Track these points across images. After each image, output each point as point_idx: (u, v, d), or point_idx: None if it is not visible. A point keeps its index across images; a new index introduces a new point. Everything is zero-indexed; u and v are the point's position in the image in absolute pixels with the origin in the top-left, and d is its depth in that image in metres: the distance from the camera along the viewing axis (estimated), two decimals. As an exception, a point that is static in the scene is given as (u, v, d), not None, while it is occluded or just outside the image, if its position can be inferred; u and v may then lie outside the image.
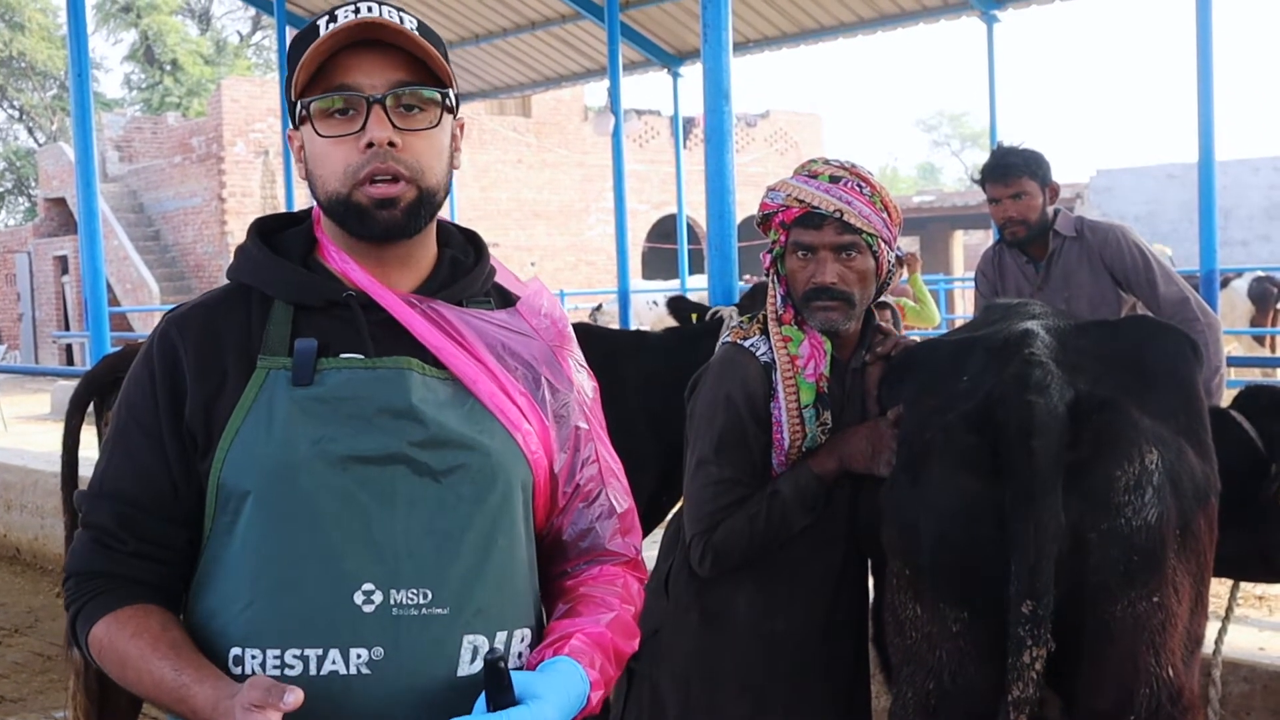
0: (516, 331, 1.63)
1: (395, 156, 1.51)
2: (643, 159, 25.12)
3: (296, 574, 1.45)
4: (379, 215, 1.52)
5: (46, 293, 23.52)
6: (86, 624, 1.50)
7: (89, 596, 1.51)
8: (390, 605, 1.46)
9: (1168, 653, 2.03)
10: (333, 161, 1.53)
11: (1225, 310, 11.23)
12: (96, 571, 1.52)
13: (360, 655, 1.44)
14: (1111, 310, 4.17)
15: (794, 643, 2.43)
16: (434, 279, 1.63)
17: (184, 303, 1.62)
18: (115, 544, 1.52)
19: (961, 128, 55.67)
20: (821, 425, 2.37)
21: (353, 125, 1.52)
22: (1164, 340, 2.36)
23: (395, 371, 1.52)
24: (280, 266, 1.59)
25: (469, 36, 13.40)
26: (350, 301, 1.55)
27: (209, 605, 1.50)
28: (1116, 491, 2.00)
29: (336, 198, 1.54)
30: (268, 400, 1.49)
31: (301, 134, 1.58)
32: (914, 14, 11.53)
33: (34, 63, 35.93)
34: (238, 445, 1.48)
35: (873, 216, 2.33)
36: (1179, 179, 21.88)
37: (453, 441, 1.52)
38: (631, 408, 4.00)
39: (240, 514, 1.48)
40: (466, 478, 1.52)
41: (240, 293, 1.59)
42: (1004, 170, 4.19)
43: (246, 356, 1.52)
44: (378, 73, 1.52)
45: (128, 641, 1.45)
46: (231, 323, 1.56)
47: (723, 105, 4.44)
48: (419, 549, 1.48)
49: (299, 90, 1.54)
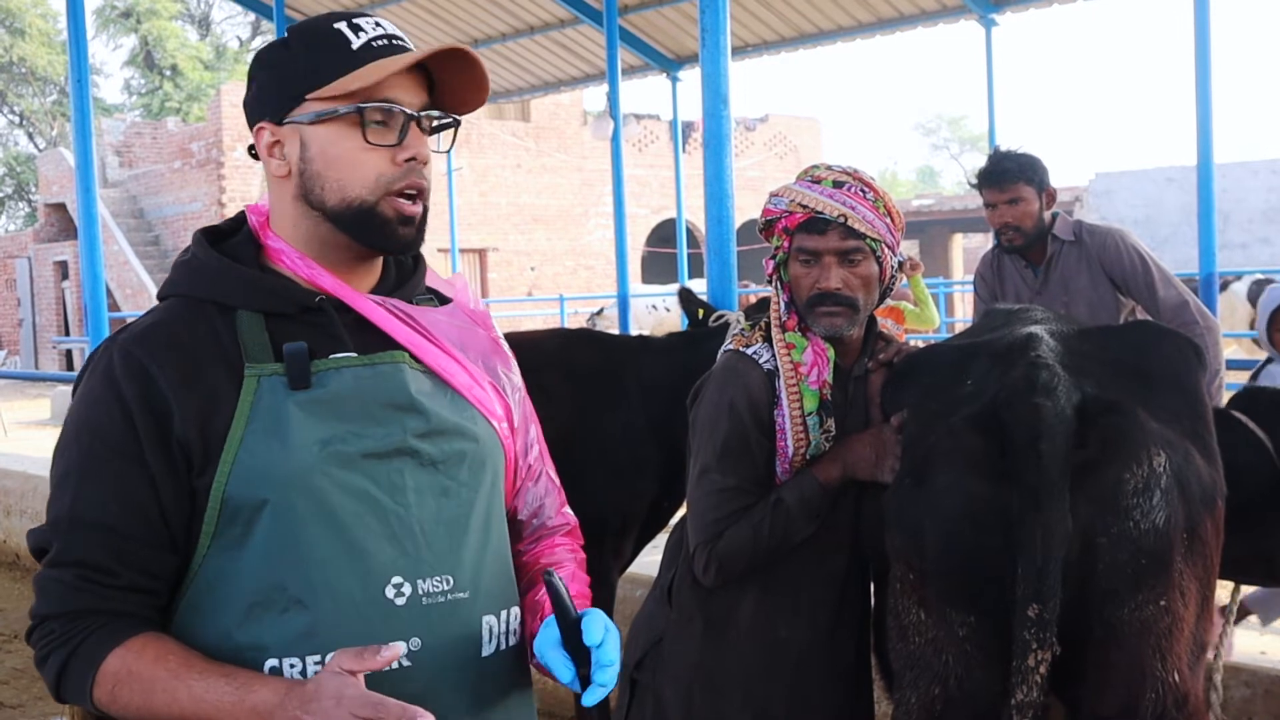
0: (463, 325, 1.68)
1: (423, 173, 1.57)
2: (642, 163, 25.13)
3: (328, 577, 1.45)
4: (400, 231, 1.55)
5: (46, 298, 23.52)
6: (88, 664, 1.42)
7: (83, 636, 1.43)
8: (419, 595, 1.50)
9: (1174, 657, 2.02)
10: (364, 168, 1.53)
11: (1224, 313, 11.23)
12: (85, 610, 1.44)
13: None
14: (1110, 314, 4.17)
15: (797, 651, 2.42)
16: (385, 280, 1.65)
17: (127, 326, 1.56)
18: (105, 579, 1.44)
19: (960, 131, 55.67)
20: (825, 433, 2.37)
21: (388, 137, 1.53)
22: (1168, 345, 2.35)
23: (392, 366, 1.55)
24: (245, 275, 1.55)
25: (468, 41, 13.40)
26: (324, 305, 1.55)
27: (222, 624, 1.47)
28: (1124, 494, 2.00)
29: (359, 204, 1.53)
30: (267, 407, 1.47)
31: (301, 131, 1.54)
32: (912, 18, 11.54)
33: (34, 68, 35.95)
34: (244, 456, 1.45)
35: (876, 221, 2.32)
36: (1178, 182, 21.90)
37: (449, 430, 1.57)
38: (634, 412, 3.99)
39: (254, 525, 1.45)
40: (464, 465, 1.58)
41: (193, 307, 1.54)
42: (999, 176, 4.19)
43: (229, 367, 1.49)
44: (414, 91, 1.56)
45: (152, 666, 1.40)
46: (199, 336, 1.51)
47: (721, 110, 4.43)
48: (434, 537, 1.53)
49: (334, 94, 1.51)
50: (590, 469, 3.91)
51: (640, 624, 2.59)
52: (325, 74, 1.52)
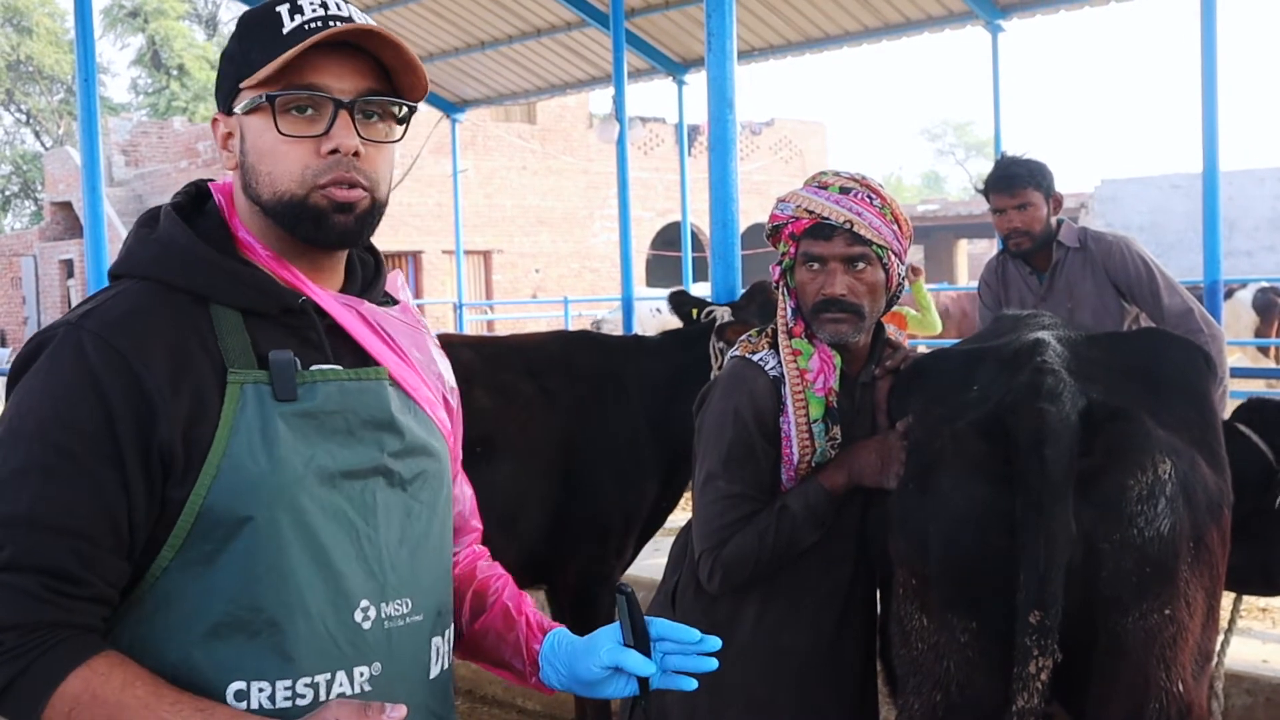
0: (411, 327, 1.62)
1: (356, 166, 1.44)
2: (647, 166, 25.13)
3: (305, 599, 1.39)
4: (335, 220, 1.44)
5: (51, 296, 23.55)
6: (44, 683, 1.27)
7: (38, 652, 1.28)
8: (383, 619, 1.46)
9: (1179, 667, 2.01)
10: (288, 161, 1.43)
11: (1229, 321, 11.21)
12: (43, 622, 1.29)
13: (362, 673, 1.43)
14: (1115, 321, 4.16)
15: (801, 658, 2.41)
16: (351, 282, 1.57)
17: (94, 309, 1.41)
18: (72, 589, 1.31)
19: (966, 137, 55.68)
20: (831, 440, 2.36)
21: (314, 126, 1.43)
22: (1176, 352, 2.35)
23: (375, 383, 1.49)
24: (230, 269, 1.45)
25: (475, 43, 13.40)
26: (306, 308, 1.47)
27: (179, 642, 1.36)
28: (1129, 501, 1.99)
29: (289, 199, 1.44)
30: (252, 418, 1.38)
31: (240, 122, 1.47)
32: (919, 23, 11.53)
33: (41, 67, 36.04)
34: (228, 468, 1.36)
35: (883, 228, 2.32)
36: (1183, 189, 21.88)
37: (418, 449, 1.52)
38: (633, 412, 4.01)
39: (232, 541, 1.36)
40: (426, 484, 1.54)
41: (164, 294, 1.42)
42: (1009, 181, 4.19)
43: (213, 369, 1.39)
44: (348, 77, 1.44)
45: (119, 693, 1.28)
46: (184, 332, 1.40)
47: (726, 113, 4.43)
48: (398, 560, 1.48)
49: (258, 81, 1.42)
50: (593, 470, 3.93)
51: (643, 629, 2.59)
52: (254, 61, 1.42)
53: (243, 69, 1.44)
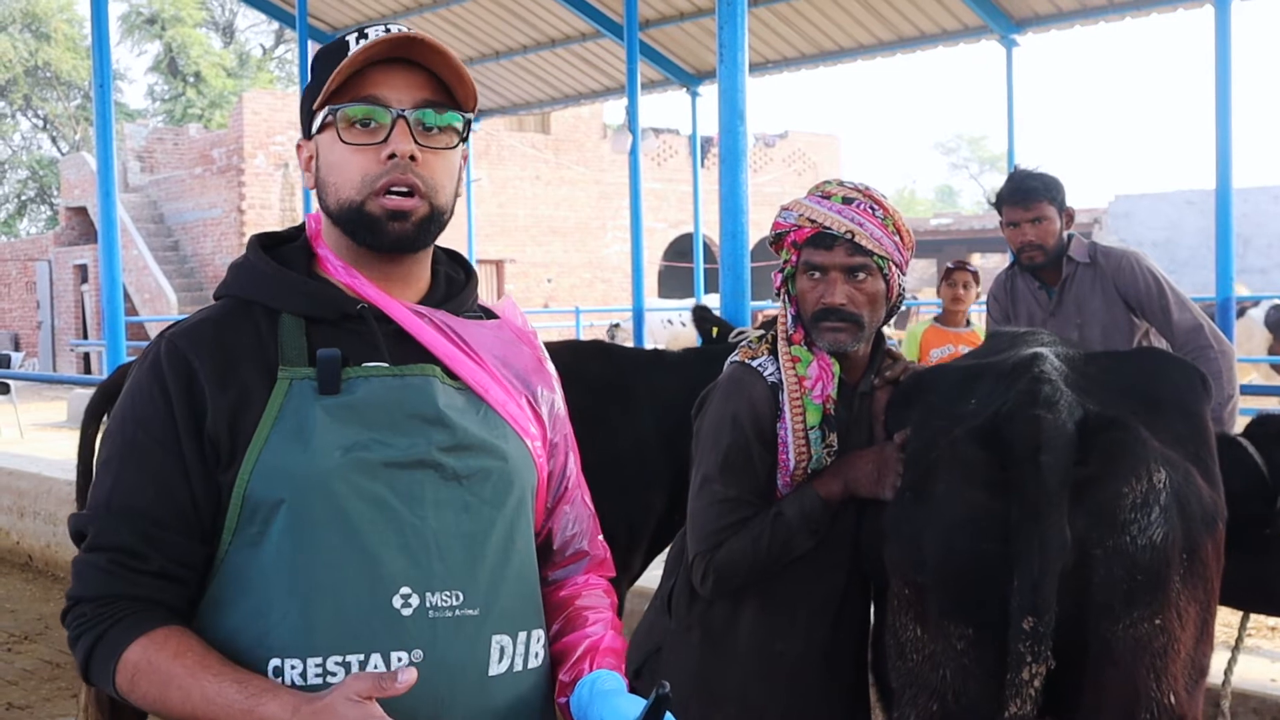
0: (508, 341, 1.69)
1: (414, 170, 1.55)
2: (660, 177, 25.18)
3: (336, 580, 1.47)
4: (391, 226, 1.55)
5: (66, 301, 23.66)
6: (112, 650, 1.45)
7: (110, 622, 1.46)
8: (427, 608, 1.50)
9: (1169, 678, 2.01)
10: (350, 170, 1.55)
11: (1242, 339, 11.18)
12: (115, 595, 1.47)
13: (401, 659, 1.47)
14: (1124, 337, 4.15)
15: (795, 665, 2.42)
16: (433, 294, 1.67)
17: (181, 320, 1.62)
18: (137, 564, 1.48)
19: (980, 151, 55.64)
20: (827, 447, 2.37)
21: (375, 136, 1.55)
22: (1174, 371, 2.35)
23: (421, 379, 1.56)
24: (290, 281, 1.60)
25: (489, 53, 13.46)
26: (364, 314, 1.58)
27: (234, 621, 1.49)
28: (1123, 509, 1.99)
29: (350, 206, 1.56)
30: (295, 410, 1.50)
31: (316, 143, 1.61)
32: (933, 37, 11.55)
33: (59, 73, 36.25)
34: (267, 455, 1.48)
35: (884, 239, 2.33)
36: (1197, 205, 21.84)
37: (475, 446, 1.58)
38: (645, 425, 4.00)
39: (271, 524, 1.47)
40: (488, 482, 1.58)
41: (241, 308, 1.59)
42: (1024, 194, 4.19)
43: (265, 368, 1.53)
44: (405, 89, 1.56)
45: (170, 662, 1.42)
46: (243, 335, 1.55)
47: (738, 125, 4.45)
48: (449, 552, 1.53)
49: (324, 99, 1.56)
50: (599, 482, 3.92)
51: (640, 633, 2.60)
52: (323, 83, 1.56)
53: (315, 93, 1.58)
